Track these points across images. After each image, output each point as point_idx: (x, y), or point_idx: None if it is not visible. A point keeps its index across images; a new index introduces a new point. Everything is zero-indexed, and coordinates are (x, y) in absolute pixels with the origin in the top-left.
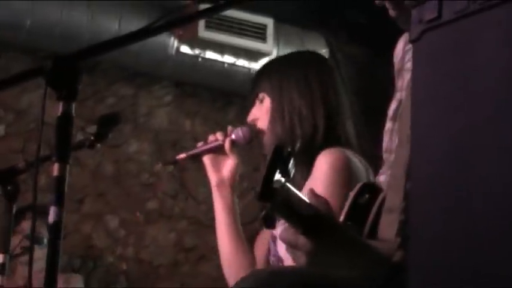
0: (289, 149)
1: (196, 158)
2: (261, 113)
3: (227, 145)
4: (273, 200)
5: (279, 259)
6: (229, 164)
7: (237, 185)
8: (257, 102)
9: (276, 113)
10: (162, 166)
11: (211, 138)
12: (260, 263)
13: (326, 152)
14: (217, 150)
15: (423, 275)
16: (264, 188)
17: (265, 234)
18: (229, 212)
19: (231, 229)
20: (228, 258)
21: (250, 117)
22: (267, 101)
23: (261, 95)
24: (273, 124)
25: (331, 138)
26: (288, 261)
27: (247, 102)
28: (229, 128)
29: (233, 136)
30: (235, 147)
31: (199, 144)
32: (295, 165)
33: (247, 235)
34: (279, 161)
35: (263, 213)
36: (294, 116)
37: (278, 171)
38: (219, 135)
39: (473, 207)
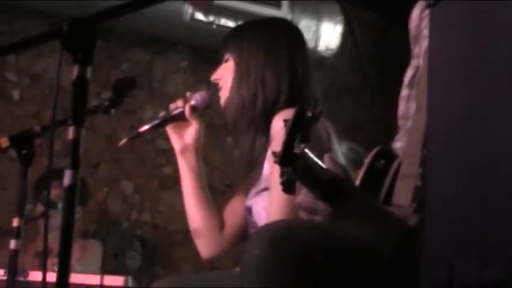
0: (309, 114)
1: (160, 128)
2: (224, 73)
3: (187, 111)
4: (294, 165)
5: None
6: (191, 130)
7: (201, 149)
8: (223, 63)
9: (240, 76)
10: (127, 141)
11: (172, 106)
12: (231, 231)
13: (281, 112)
14: (179, 118)
15: (438, 238)
16: (285, 152)
17: (236, 203)
18: (195, 177)
19: (198, 193)
20: (196, 222)
21: (214, 76)
22: (232, 62)
23: (226, 56)
24: (236, 86)
25: (294, 104)
26: None
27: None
28: (188, 94)
29: (192, 102)
30: (196, 112)
31: (162, 113)
32: (258, 132)
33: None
34: (299, 125)
35: (284, 178)
36: (257, 81)
37: (298, 136)
38: (179, 103)
39: (490, 172)
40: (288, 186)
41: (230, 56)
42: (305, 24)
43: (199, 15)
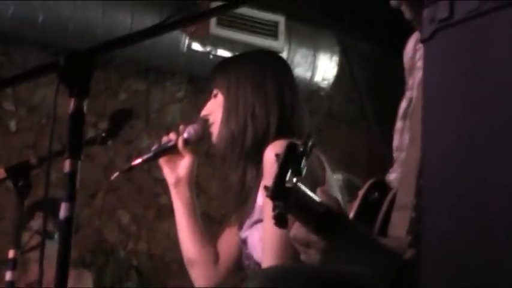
0: (301, 148)
1: (152, 161)
2: (214, 108)
3: (180, 144)
4: (286, 199)
5: (256, 263)
6: (184, 163)
7: (194, 182)
8: (212, 97)
9: (229, 110)
10: (119, 174)
11: (164, 139)
12: (225, 262)
13: (272, 144)
14: (172, 150)
15: (435, 272)
16: (276, 187)
17: (229, 235)
18: (189, 209)
19: (191, 225)
20: (190, 254)
21: (204, 112)
22: (221, 97)
23: (215, 91)
24: (226, 120)
25: (284, 136)
26: (266, 264)
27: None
28: (181, 126)
29: (185, 135)
30: (189, 145)
31: (154, 146)
32: (248, 165)
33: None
34: (291, 160)
35: (276, 212)
36: (247, 113)
37: (290, 170)
38: (172, 135)
39: (485, 205)
40: (280, 221)
41: (218, 91)
42: (302, 55)
43: (197, 46)
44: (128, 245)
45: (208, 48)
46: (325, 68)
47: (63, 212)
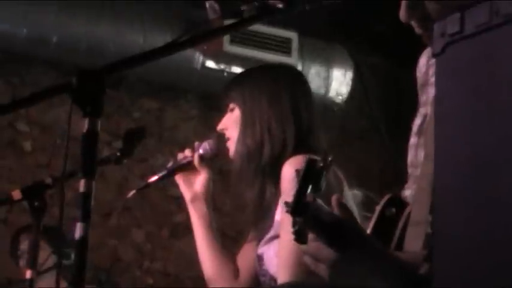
0: (321, 164)
1: (168, 178)
2: (230, 123)
3: (196, 160)
4: (306, 215)
5: (272, 278)
6: (201, 179)
7: (211, 197)
8: (228, 112)
9: (246, 125)
10: (136, 192)
11: (180, 156)
12: (245, 278)
13: (290, 160)
14: (188, 167)
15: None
16: (296, 203)
17: (248, 250)
18: (207, 225)
19: (210, 241)
20: (210, 270)
21: (220, 126)
22: (237, 112)
23: (231, 105)
24: (243, 136)
25: (303, 151)
26: (281, 279)
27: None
28: (196, 143)
29: (201, 151)
30: (204, 160)
31: (170, 163)
32: (266, 181)
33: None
34: (310, 175)
35: (295, 228)
36: (263, 128)
37: (310, 186)
38: (187, 152)
39: (498, 220)
40: (299, 236)
41: (235, 105)
42: (315, 71)
43: (210, 63)
44: (143, 264)
45: (221, 66)
46: (339, 84)
47: (78, 232)
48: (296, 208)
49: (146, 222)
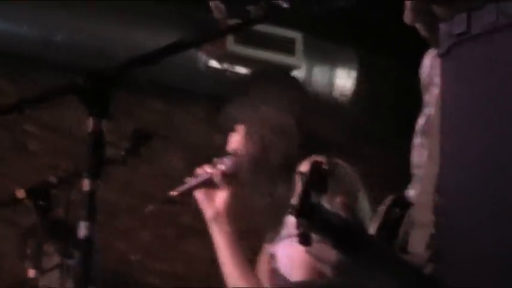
0: (325, 167)
1: (188, 194)
2: (238, 141)
3: (218, 176)
4: (310, 218)
5: (284, 278)
6: (222, 196)
7: (233, 215)
8: (234, 132)
9: (248, 136)
10: (154, 207)
11: (199, 171)
12: (266, 283)
13: (305, 162)
14: (208, 183)
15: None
16: (302, 205)
17: (265, 255)
18: (230, 244)
19: (236, 258)
20: (237, 285)
21: (231, 147)
22: (241, 129)
23: (237, 126)
24: (246, 147)
25: (309, 149)
26: (293, 277)
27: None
28: (215, 159)
29: (222, 167)
30: (226, 177)
31: (189, 179)
32: (277, 185)
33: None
34: (315, 177)
35: (300, 230)
36: (265, 135)
37: (315, 188)
38: (207, 168)
39: (504, 222)
40: (304, 239)
41: (239, 125)
42: (319, 71)
43: (214, 64)
44: (149, 265)
45: (226, 66)
46: (343, 84)
47: (83, 232)
48: (300, 210)
49: (152, 223)
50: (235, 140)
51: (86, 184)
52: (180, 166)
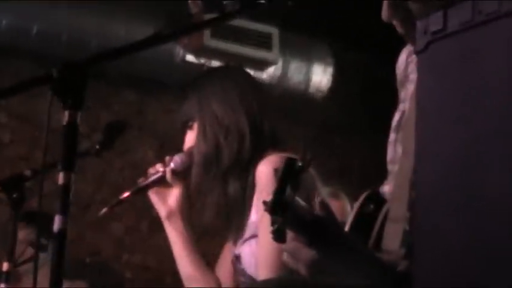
0: (299, 164)
1: (141, 193)
2: (193, 140)
3: (168, 175)
4: (285, 214)
5: (250, 278)
6: (174, 194)
7: (186, 213)
8: (188, 131)
9: (199, 134)
10: (107, 210)
11: (151, 171)
12: (226, 283)
13: (265, 160)
14: (161, 182)
15: (428, 284)
16: (276, 202)
17: (229, 253)
18: (185, 242)
19: (190, 257)
20: (194, 284)
21: (186, 146)
22: (195, 126)
23: (189, 123)
24: (198, 145)
25: (261, 145)
26: (262, 278)
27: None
28: (167, 158)
29: (172, 165)
30: (177, 175)
31: (141, 179)
32: (228, 182)
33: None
34: (290, 175)
35: (274, 227)
36: (217, 133)
37: (289, 185)
38: (158, 167)
39: (479, 217)
40: (278, 235)
41: (193, 122)
42: (296, 66)
43: (191, 57)
44: (122, 257)
45: (202, 60)
46: (319, 79)
47: (56, 224)
48: (275, 207)
49: (125, 215)
50: (191, 138)
51: (60, 177)
52: (153, 158)
